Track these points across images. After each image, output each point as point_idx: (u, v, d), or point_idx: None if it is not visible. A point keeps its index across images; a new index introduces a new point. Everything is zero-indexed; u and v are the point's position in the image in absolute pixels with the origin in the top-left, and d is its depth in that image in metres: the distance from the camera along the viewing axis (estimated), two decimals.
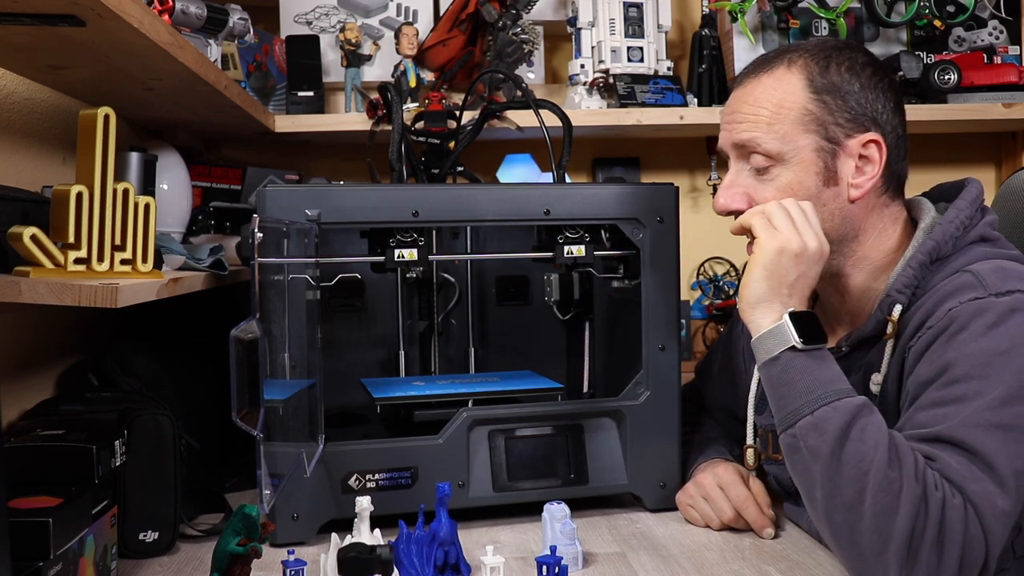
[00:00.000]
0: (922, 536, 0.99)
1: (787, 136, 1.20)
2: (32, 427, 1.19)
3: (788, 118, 1.20)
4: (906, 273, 1.19)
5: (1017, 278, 1.12)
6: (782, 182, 1.21)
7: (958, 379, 1.06)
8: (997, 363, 1.06)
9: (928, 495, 1.00)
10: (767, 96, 1.22)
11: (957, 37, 2.20)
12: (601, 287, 1.59)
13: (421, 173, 1.77)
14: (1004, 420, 1.03)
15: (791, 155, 1.20)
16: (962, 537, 0.99)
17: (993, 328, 1.08)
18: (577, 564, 1.21)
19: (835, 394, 1.07)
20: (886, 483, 1.01)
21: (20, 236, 1.06)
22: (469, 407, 1.41)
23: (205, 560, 1.25)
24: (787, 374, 1.11)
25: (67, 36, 1.12)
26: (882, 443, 1.03)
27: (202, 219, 1.77)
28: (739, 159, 1.25)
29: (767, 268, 1.15)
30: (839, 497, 1.03)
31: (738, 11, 2.07)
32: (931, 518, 0.99)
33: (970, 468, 1.02)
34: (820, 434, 1.05)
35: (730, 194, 1.24)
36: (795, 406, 1.09)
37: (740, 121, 1.24)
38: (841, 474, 1.03)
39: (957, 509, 1.00)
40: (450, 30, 2.06)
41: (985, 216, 1.24)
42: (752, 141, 1.22)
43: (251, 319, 1.14)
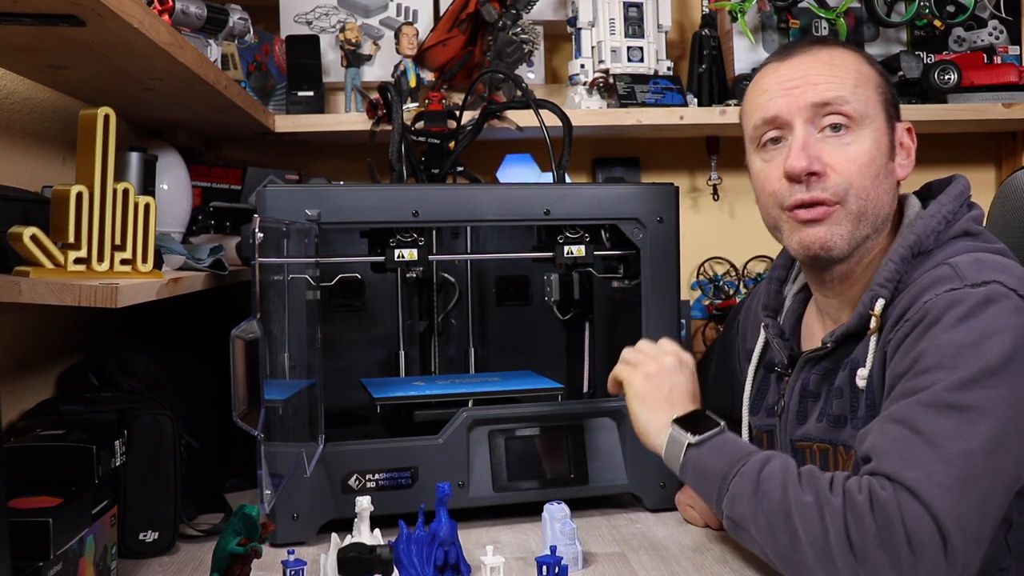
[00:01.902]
0: (860, 541, 0.99)
1: (869, 101, 1.22)
2: (32, 427, 1.19)
3: (868, 85, 1.23)
4: (887, 267, 1.19)
5: (994, 269, 1.12)
6: (860, 147, 1.21)
7: (927, 369, 1.06)
8: (966, 353, 1.05)
9: (851, 502, 1.00)
10: (845, 62, 1.23)
11: (957, 37, 2.20)
12: (601, 287, 1.59)
13: (421, 173, 1.77)
14: (959, 401, 1.02)
15: (869, 121, 1.22)
16: (901, 524, 0.97)
17: (965, 320, 1.07)
18: (577, 564, 1.21)
19: (738, 462, 1.12)
20: (806, 511, 1.02)
21: (20, 236, 1.06)
22: (469, 407, 1.41)
23: (205, 560, 1.25)
24: (697, 469, 1.16)
25: (67, 36, 1.12)
26: (790, 479, 1.06)
27: (202, 219, 1.77)
28: (809, 122, 1.22)
29: (640, 397, 1.25)
30: (779, 546, 1.04)
31: (738, 11, 2.07)
32: (861, 520, 0.99)
33: (909, 452, 1.01)
34: (739, 502, 1.09)
35: (808, 155, 1.20)
36: (716, 492, 1.13)
37: (820, 82, 1.22)
38: (770, 526, 1.05)
39: (889, 501, 0.99)
40: (450, 30, 2.06)
41: (970, 211, 1.23)
42: (838, 100, 1.20)
43: (251, 319, 1.14)
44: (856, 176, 1.20)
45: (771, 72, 1.26)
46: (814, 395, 1.28)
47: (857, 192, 1.20)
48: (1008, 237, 1.47)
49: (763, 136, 1.25)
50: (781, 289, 1.41)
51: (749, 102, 1.28)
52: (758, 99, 1.26)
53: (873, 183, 1.21)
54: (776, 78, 1.25)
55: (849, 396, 1.22)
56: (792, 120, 1.22)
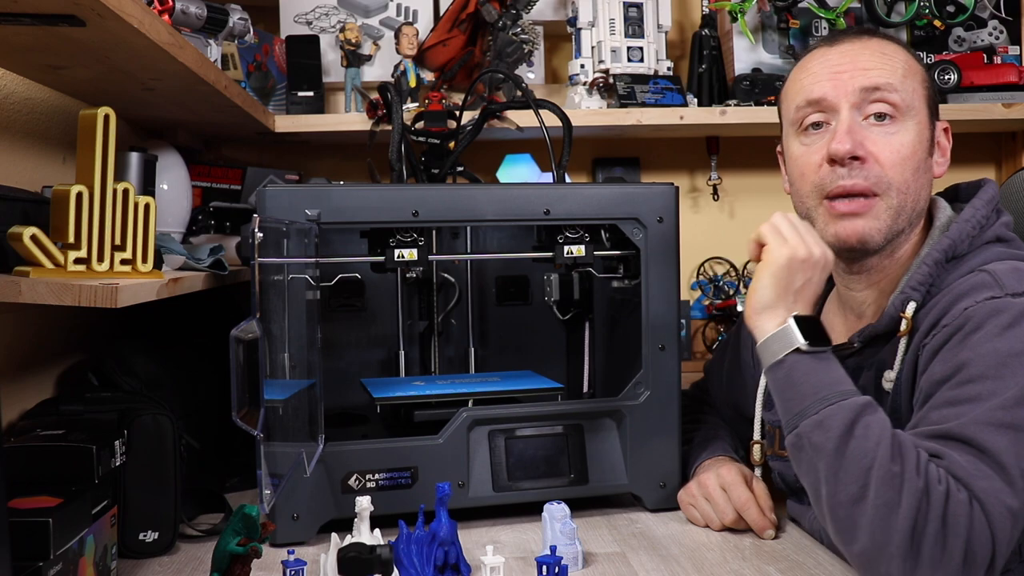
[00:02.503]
0: (924, 530, 0.99)
1: (915, 93, 1.23)
2: (32, 427, 1.19)
3: (915, 77, 1.24)
4: (921, 270, 1.19)
5: None
6: (905, 138, 1.21)
7: (972, 379, 1.06)
8: (1012, 364, 1.05)
9: (930, 489, 1.00)
10: (895, 52, 1.24)
11: (957, 37, 2.20)
12: (601, 287, 1.59)
13: (421, 173, 1.77)
14: (1016, 420, 1.03)
15: (914, 114, 1.22)
16: (966, 532, 0.98)
17: (1009, 328, 1.07)
18: (577, 564, 1.21)
19: (839, 395, 1.08)
20: (888, 478, 1.01)
21: (20, 236, 1.06)
22: (469, 407, 1.41)
23: (205, 560, 1.25)
24: (792, 376, 1.11)
25: (67, 36, 1.12)
26: (885, 439, 1.03)
27: (202, 219, 1.77)
28: (855, 108, 1.22)
29: (775, 275, 1.16)
30: (843, 493, 1.03)
31: (738, 11, 2.07)
32: (933, 512, 0.99)
33: (978, 465, 1.01)
34: (824, 432, 1.06)
35: (854, 140, 1.20)
36: (800, 407, 1.09)
37: (871, 67, 1.22)
38: (845, 470, 1.03)
39: (961, 504, 0.99)
40: (450, 30, 2.06)
41: (1001, 217, 1.24)
42: (888, 86, 1.21)
43: (251, 319, 1.14)
44: (899, 168, 1.20)
45: (819, 56, 1.27)
46: None
47: (899, 185, 1.20)
48: None
49: (805, 119, 1.25)
50: None
51: (793, 84, 1.29)
52: (803, 80, 1.26)
53: (914, 176, 1.21)
54: (824, 62, 1.25)
55: (873, 397, 1.22)
56: (838, 103, 1.22)
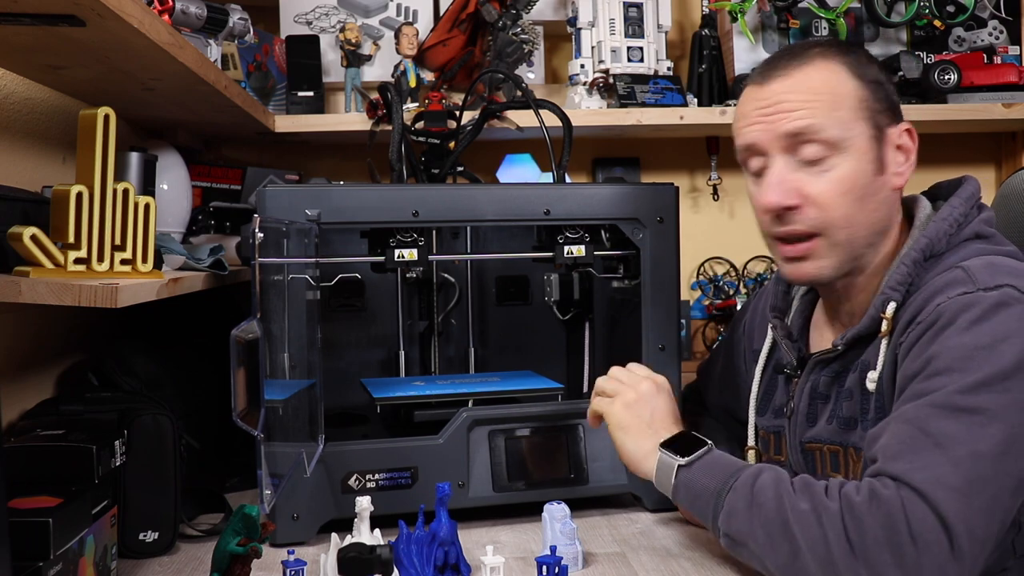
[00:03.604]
0: (860, 543, 0.98)
1: (846, 123, 1.17)
2: (32, 427, 1.19)
3: (845, 104, 1.18)
4: (900, 270, 1.19)
5: (1007, 273, 1.11)
6: (841, 172, 1.17)
7: (939, 372, 1.06)
8: (978, 356, 1.05)
9: (849, 504, 1.00)
10: (821, 84, 1.18)
11: (957, 37, 2.20)
12: (601, 287, 1.59)
13: (421, 173, 1.77)
14: (970, 404, 1.02)
15: (849, 143, 1.17)
16: (905, 524, 0.97)
17: (977, 323, 1.07)
18: (577, 564, 1.21)
19: (730, 478, 1.12)
20: (804, 519, 1.02)
21: (20, 236, 1.06)
22: (469, 407, 1.41)
23: (205, 560, 1.25)
24: (690, 490, 1.16)
25: (67, 36, 1.12)
26: (784, 489, 1.06)
27: (202, 219, 1.77)
28: (785, 152, 1.19)
29: (622, 427, 1.25)
30: (780, 558, 1.04)
31: (738, 11, 2.07)
32: (861, 522, 0.99)
33: (917, 454, 1.01)
34: (735, 517, 1.09)
35: (784, 190, 1.18)
36: (711, 511, 1.13)
37: (792, 110, 1.18)
38: (769, 538, 1.05)
39: (890, 500, 0.98)
40: (450, 30, 2.06)
41: (981, 213, 1.23)
42: (810, 128, 1.16)
43: (251, 319, 1.14)
44: (837, 204, 1.17)
45: (751, 95, 1.23)
46: (824, 397, 1.27)
47: (838, 221, 1.18)
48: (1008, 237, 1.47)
49: (747, 162, 1.24)
50: (789, 290, 1.40)
51: (734, 124, 1.27)
52: (739, 124, 1.24)
53: (857, 207, 1.18)
54: (755, 103, 1.22)
55: (859, 398, 1.22)
56: (768, 150, 1.20)
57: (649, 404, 1.26)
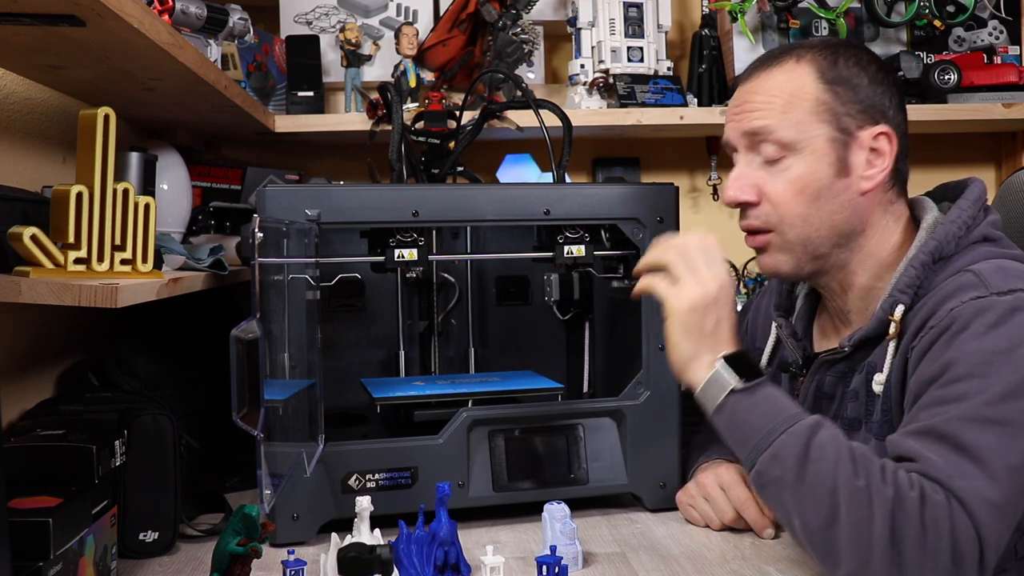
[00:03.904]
0: (903, 538, 0.98)
1: (801, 124, 1.20)
2: (32, 427, 1.19)
3: (802, 107, 1.21)
4: (908, 273, 1.19)
5: (1018, 277, 1.12)
6: (795, 173, 1.21)
7: (959, 378, 1.06)
8: (998, 362, 1.05)
9: (901, 496, 1.00)
10: (779, 86, 1.22)
11: (957, 37, 2.20)
12: (601, 287, 1.59)
13: (421, 173, 1.77)
14: (1000, 415, 1.03)
15: (804, 144, 1.20)
16: (949, 534, 0.98)
17: (994, 327, 1.07)
18: (577, 564, 1.21)
19: (786, 422, 1.08)
20: (855, 494, 1.01)
21: (20, 236, 1.06)
22: (469, 407, 1.41)
23: (205, 560, 1.25)
24: (736, 416, 1.12)
25: (67, 36, 1.12)
26: (843, 456, 1.03)
27: (202, 219, 1.77)
28: (749, 150, 1.24)
29: (683, 326, 1.15)
30: (814, 520, 1.03)
31: (738, 11, 2.07)
32: (909, 518, 0.99)
33: (957, 464, 1.01)
34: (781, 464, 1.06)
35: (740, 185, 1.24)
36: (752, 444, 1.09)
37: (752, 110, 1.23)
38: (811, 496, 1.03)
39: (939, 506, 0.99)
40: (450, 30, 2.06)
41: (988, 216, 1.23)
42: (765, 129, 1.21)
43: (251, 319, 1.14)
44: (789, 204, 1.21)
45: (736, 92, 1.29)
46: (829, 397, 1.28)
47: (791, 219, 1.21)
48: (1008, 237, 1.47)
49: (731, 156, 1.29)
50: (792, 289, 1.41)
51: None
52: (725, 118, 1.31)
53: (812, 208, 1.20)
54: (733, 101, 1.29)
55: (864, 400, 1.22)
56: (736, 147, 1.26)
57: (716, 312, 1.15)
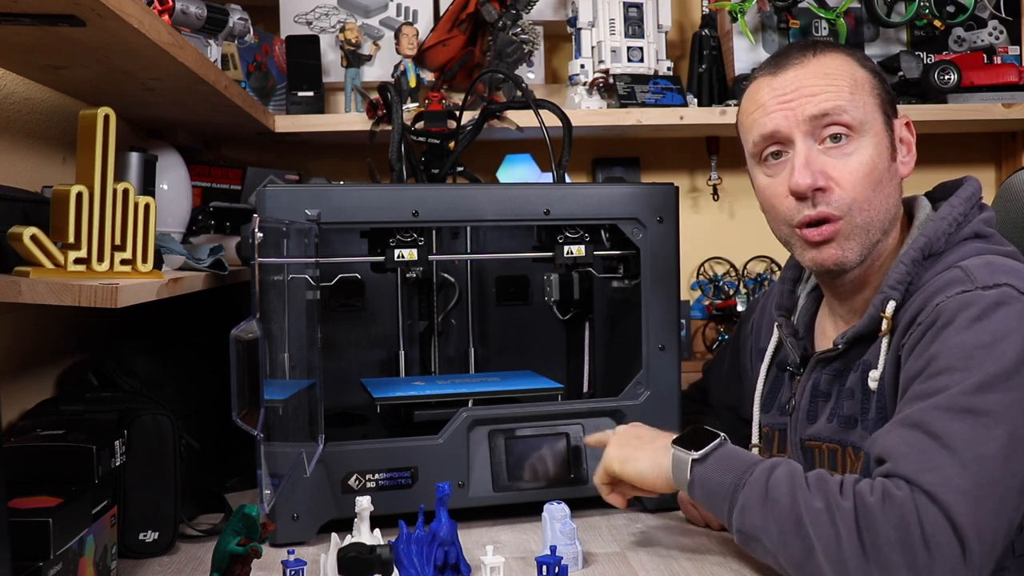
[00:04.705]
0: (872, 544, 0.98)
1: (866, 107, 1.20)
2: (32, 427, 1.19)
3: (864, 90, 1.21)
4: (899, 269, 1.20)
5: (1006, 272, 1.12)
6: (864, 156, 1.19)
7: (940, 371, 1.06)
8: (979, 355, 1.05)
9: (862, 504, 1.00)
10: (839, 70, 1.21)
11: (957, 37, 2.20)
12: (601, 287, 1.59)
13: (421, 173, 1.77)
14: (975, 405, 1.02)
15: (869, 128, 1.20)
16: (918, 527, 0.97)
17: (977, 321, 1.07)
18: (577, 564, 1.21)
19: (745, 473, 1.11)
20: (817, 517, 1.02)
21: (20, 236, 1.06)
22: (469, 407, 1.41)
23: (205, 560, 1.25)
24: (705, 485, 1.15)
25: (67, 36, 1.12)
26: (799, 485, 1.05)
27: (202, 219, 1.77)
28: (808, 136, 1.20)
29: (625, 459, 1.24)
30: (794, 555, 1.04)
31: (738, 11, 2.07)
32: (874, 523, 0.99)
33: (927, 454, 1.01)
34: (749, 513, 1.08)
35: (812, 171, 1.19)
36: (726, 506, 1.12)
37: (816, 93, 1.20)
38: (782, 534, 1.05)
39: (903, 502, 0.98)
40: (450, 30, 2.06)
41: (981, 213, 1.24)
42: (837, 110, 1.19)
43: (251, 319, 1.14)
44: (860, 187, 1.19)
45: (765, 85, 1.24)
46: (825, 395, 1.28)
47: (861, 204, 1.19)
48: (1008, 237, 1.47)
49: (764, 151, 1.24)
50: (794, 289, 1.41)
51: (746, 116, 1.26)
52: (755, 114, 1.24)
53: (876, 191, 1.20)
54: (771, 92, 1.23)
55: (860, 397, 1.22)
56: (792, 135, 1.20)
57: (634, 433, 1.27)
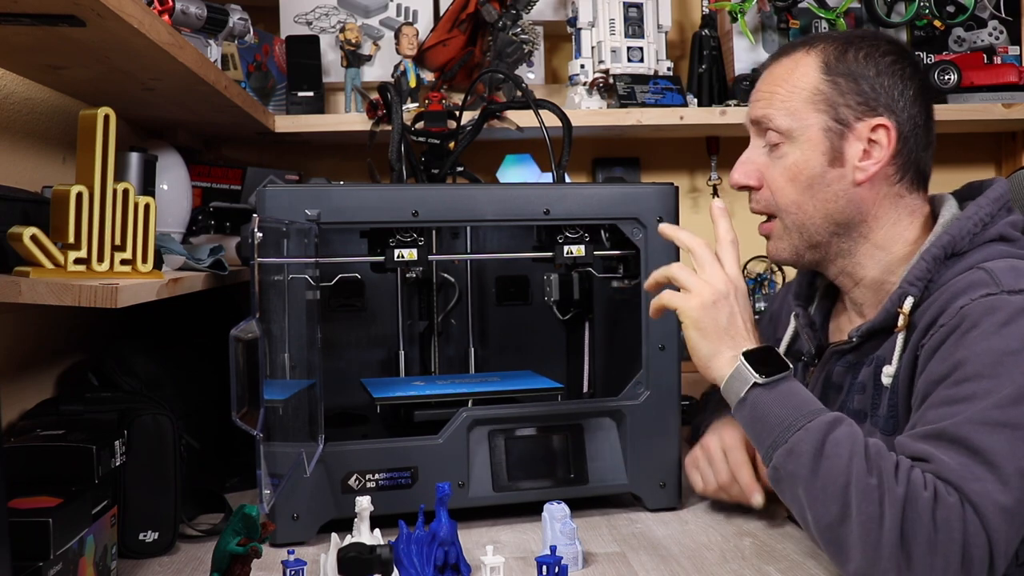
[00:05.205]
0: (913, 539, 0.98)
1: (796, 113, 1.25)
2: (32, 427, 1.19)
3: (799, 96, 1.25)
4: (919, 266, 1.19)
5: None
6: (789, 160, 1.26)
7: (968, 377, 1.06)
8: (1008, 362, 1.05)
9: (914, 495, 1.00)
10: (783, 76, 1.27)
11: (957, 37, 2.20)
12: (601, 287, 1.59)
13: (421, 173, 1.77)
14: (1011, 419, 1.03)
15: (799, 133, 1.25)
16: (960, 536, 0.98)
17: (1005, 326, 1.07)
18: (577, 564, 1.21)
19: (804, 417, 1.08)
20: (867, 491, 1.01)
21: (20, 236, 1.06)
22: (469, 407, 1.41)
23: (205, 560, 1.25)
24: (757, 410, 1.12)
25: (67, 36, 1.12)
26: (857, 453, 1.03)
27: (202, 219, 1.77)
28: (757, 136, 1.30)
29: (697, 327, 1.17)
30: (826, 515, 1.03)
31: (738, 11, 2.07)
32: (920, 518, 0.99)
33: (969, 466, 1.01)
34: (796, 459, 1.06)
35: (743, 170, 1.30)
36: (771, 439, 1.10)
37: (758, 99, 1.30)
38: (823, 492, 1.03)
39: (952, 508, 0.99)
40: (450, 30, 2.06)
41: (1009, 216, 1.23)
42: (765, 117, 1.27)
43: (251, 319, 1.14)
44: (785, 190, 1.26)
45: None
46: (837, 387, 1.29)
47: (787, 205, 1.27)
48: None
49: None
50: (813, 280, 1.43)
51: None
52: None
53: (805, 195, 1.25)
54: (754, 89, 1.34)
55: (872, 392, 1.22)
56: (750, 131, 1.32)
57: (728, 306, 1.17)
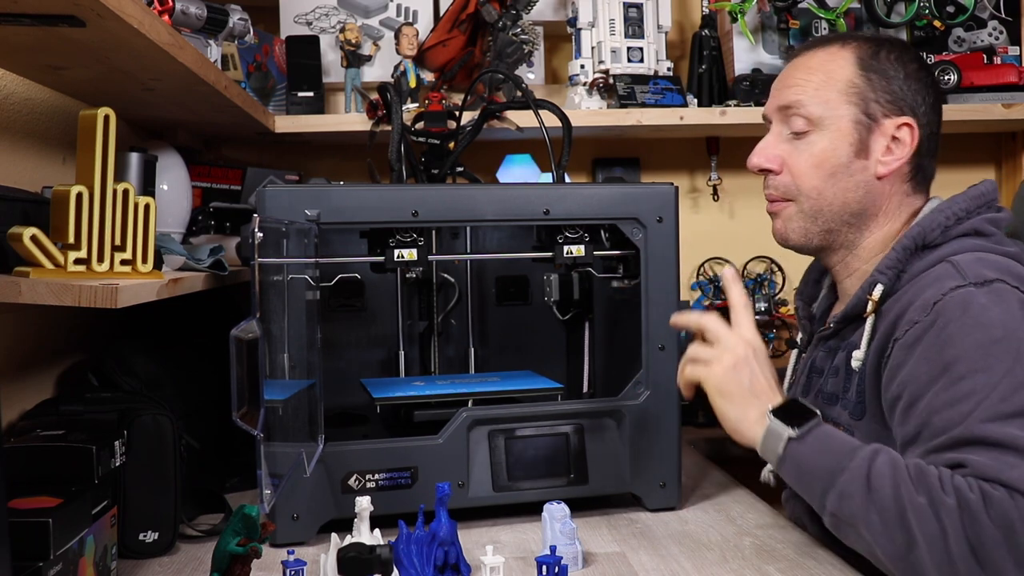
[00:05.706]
0: (979, 542, 0.99)
1: (830, 103, 1.28)
2: (32, 427, 1.19)
3: (834, 87, 1.28)
4: (890, 256, 1.23)
5: (996, 268, 1.15)
6: (816, 148, 1.28)
7: (963, 376, 1.08)
8: (996, 351, 1.07)
9: (965, 502, 1.00)
10: (818, 65, 1.30)
11: (957, 37, 2.20)
12: (601, 287, 1.59)
13: (421, 173, 1.77)
14: (1018, 407, 1.05)
15: (830, 122, 1.28)
16: (1020, 523, 0.98)
17: (982, 318, 1.10)
18: (577, 564, 1.21)
19: (846, 457, 1.09)
20: (922, 512, 1.01)
21: (20, 236, 1.06)
22: (469, 407, 1.41)
23: (205, 560, 1.25)
24: (798, 464, 1.13)
25: (67, 36, 1.12)
26: (902, 478, 1.04)
27: (202, 219, 1.77)
28: (781, 122, 1.33)
29: (722, 393, 1.18)
30: (893, 547, 1.04)
31: (738, 11, 2.07)
32: (979, 521, 0.99)
33: (1001, 459, 1.02)
34: (849, 500, 1.07)
35: (766, 155, 1.32)
36: (820, 489, 1.11)
37: (790, 85, 1.31)
38: (884, 525, 1.04)
39: (1002, 500, 0.99)
40: (450, 30, 2.06)
41: (989, 212, 1.25)
42: (797, 103, 1.29)
43: (251, 319, 1.14)
44: (807, 176, 1.29)
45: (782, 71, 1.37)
46: (819, 371, 1.34)
47: (807, 191, 1.29)
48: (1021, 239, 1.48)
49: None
50: (820, 279, 1.48)
51: None
52: None
53: (827, 182, 1.28)
54: (778, 78, 1.36)
55: (843, 376, 1.27)
56: (771, 118, 1.34)
57: (749, 368, 1.18)
